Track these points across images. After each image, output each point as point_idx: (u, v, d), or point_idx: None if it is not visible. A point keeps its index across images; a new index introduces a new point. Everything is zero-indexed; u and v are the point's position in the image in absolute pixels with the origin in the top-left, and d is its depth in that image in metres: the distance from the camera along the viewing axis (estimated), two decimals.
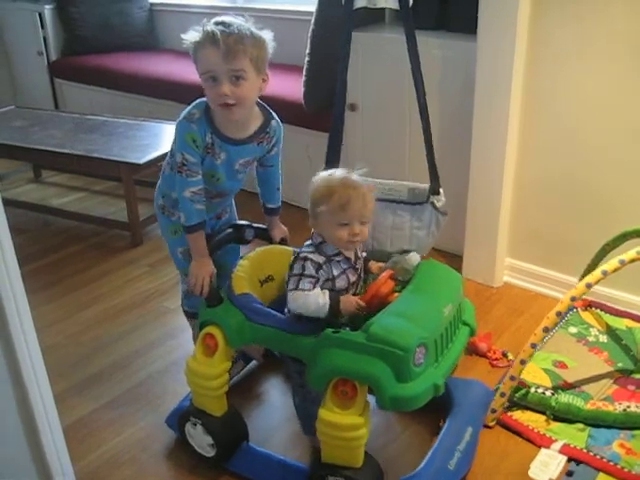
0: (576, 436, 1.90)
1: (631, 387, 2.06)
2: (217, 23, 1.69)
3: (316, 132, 3.17)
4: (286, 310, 1.75)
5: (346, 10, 2.10)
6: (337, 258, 1.70)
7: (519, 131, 2.53)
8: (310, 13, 3.09)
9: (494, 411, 1.97)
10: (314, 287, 1.65)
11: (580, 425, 1.94)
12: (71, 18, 4.42)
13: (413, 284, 1.72)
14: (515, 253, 2.73)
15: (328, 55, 3.00)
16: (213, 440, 1.85)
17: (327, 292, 1.65)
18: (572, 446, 1.87)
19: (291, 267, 1.71)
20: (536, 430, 1.94)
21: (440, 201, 2.07)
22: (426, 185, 2.09)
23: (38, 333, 1.35)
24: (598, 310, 2.47)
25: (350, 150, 3.07)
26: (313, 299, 1.63)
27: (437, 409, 1.92)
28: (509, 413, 2.01)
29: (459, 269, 2.81)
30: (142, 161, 3.05)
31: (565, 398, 1.99)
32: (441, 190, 2.08)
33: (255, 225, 2.00)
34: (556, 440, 1.89)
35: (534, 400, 2.00)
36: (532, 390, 2.01)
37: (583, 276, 2.39)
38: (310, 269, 1.66)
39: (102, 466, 1.91)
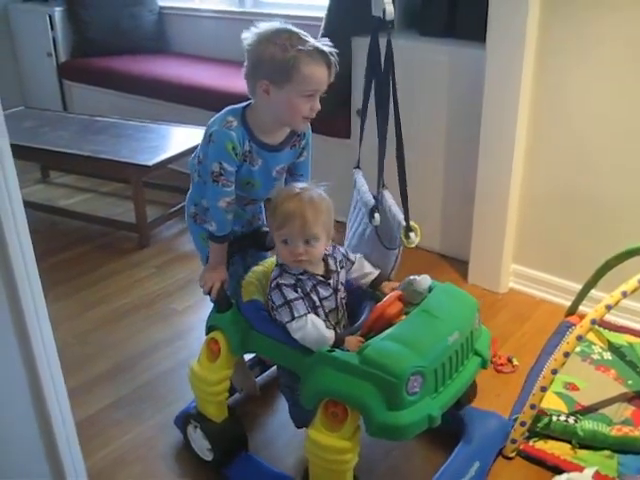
0: (605, 464, 1.84)
1: None
2: (308, 37, 1.69)
3: (323, 137, 3.19)
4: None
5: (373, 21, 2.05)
6: (302, 277, 1.68)
7: (527, 138, 2.55)
8: (319, 19, 3.10)
9: (514, 441, 1.90)
10: (307, 308, 1.63)
11: (607, 452, 1.88)
12: (81, 20, 4.44)
13: (421, 308, 1.65)
14: (521, 259, 2.74)
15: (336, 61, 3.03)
16: (210, 445, 1.86)
17: (332, 331, 1.63)
18: (604, 474, 1.79)
19: (272, 300, 1.68)
20: (562, 457, 1.88)
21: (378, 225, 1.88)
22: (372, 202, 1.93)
23: None
24: (597, 326, 2.39)
25: (355, 154, 3.09)
26: (318, 333, 1.60)
27: (451, 437, 1.87)
28: (530, 443, 1.93)
29: (465, 275, 2.83)
30: (151, 163, 3.08)
31: (589, 425, 1.92)
32: (377, 215, 1.87)
33: None
34: (585, 467, 1.80)
35: (558, 429, 1.93)
36: (554, 419, 1.94)
37: (583, 291, 2.41)
38: (290, 293, 1.64)
39: (109, 465, 1.93)
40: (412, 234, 1.79)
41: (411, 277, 1.72)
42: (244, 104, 1.80)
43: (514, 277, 2.77)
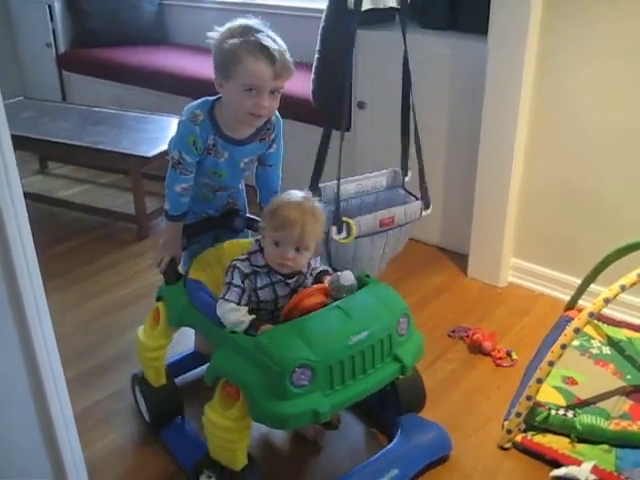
0: (603, 458, 1.84)
1: None
2: (260, 33, 1.69)
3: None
4: None
5: (355, 12, 2.06)
6: (264, 270, 1.70)
7: (528, 132, 2.55)
8: (321, 10, 3.10)
9: (510, 432, 1.92)
10: (240, 298, 1.66)
11: (605, 446, 1.88)
12: (81, 10, 4.42)
13: (336, 303, 1.63)
14: (520, 253, 2.75)
15: (338, 52, 3.02)
16: (146, 408, 1.99)
17: (249, 316, 1.64)
18: (602, 468, 1.80)
19: (226, 274, 1.72)
20: (561, 451, 1.88)
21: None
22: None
23: None
24: (596, 320, 2.39)
25: (358, 147, 3.09)
26: (235, 316, 1.64)
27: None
28: (529, 437, 1.94)
29: (465, 269, 2.83)
30: (150, 154, 3.08)
31: (588, 419, 1.92)
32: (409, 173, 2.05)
33: (248, 216, 2.04)
34: (583, 461, 1.82)
35: (556, 423, 1.92)
36: (553, 412, 1.93)
37: (583, 285, 2.41)
38: (237, 279, 1.68)
39: (107, 455, 1.94)
40: (333, 228, 1.81)
41: (338, 272, 1.71)
42: (216, 97, 1.82)
43: (514, 271, 2.78)
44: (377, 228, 1.90)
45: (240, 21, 1.73)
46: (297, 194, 1.72)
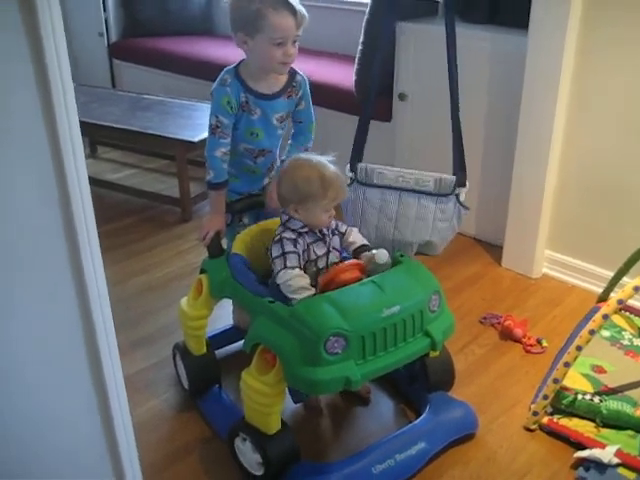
0: (628, 443, 1.87)
1: None
2: None
3: None
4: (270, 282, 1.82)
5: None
6: (303, 230, 1.78)
7: (565, 125, 2.57)
8: (364, 4, 3.16)
9: (536, 414, 1.96)
10: (300, 262, 1.74)
11: (630, 432, 1.91)
12: (132, 2, 4.54)
13: (371, 278, 1.70)
14: (555, 245, 2.77)
15: (381, 44, 3.07)
16: (186, 375, 2.07)
17: (312, 290, 1.70)
18: (626, 452, 1.82)
19: (271, 251, 1.78)
20: (586, 435, 1.91)
21: (463, 193, 2.13)
22: (452, 177, 2.15)
23: None
24: (627, 313, 2.43)
25: (398, 138, 3.14)
26: (301, 282, 1.70)
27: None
28: (555, 419, 1.98)
29: (499, 259, 2.87)
30: (196, 139, 3.17)
31: (614, 405, 1.95)
32: (467, 183, 2.14)
33: None
34: (607, 444, 1.84)
35: (582, 407, 1.96)
36: (579, 397, 1.97)
37: (615, 278, 2.41)
38: (289, 246, 1.75)
39: (148, 420, 2.03)
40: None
41: (374, 250, 1.78)
42: (237, 63, 1.97)
43: (547, 263, 2.80)
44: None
45: None
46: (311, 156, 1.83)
